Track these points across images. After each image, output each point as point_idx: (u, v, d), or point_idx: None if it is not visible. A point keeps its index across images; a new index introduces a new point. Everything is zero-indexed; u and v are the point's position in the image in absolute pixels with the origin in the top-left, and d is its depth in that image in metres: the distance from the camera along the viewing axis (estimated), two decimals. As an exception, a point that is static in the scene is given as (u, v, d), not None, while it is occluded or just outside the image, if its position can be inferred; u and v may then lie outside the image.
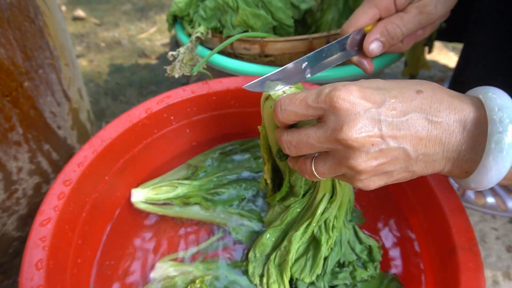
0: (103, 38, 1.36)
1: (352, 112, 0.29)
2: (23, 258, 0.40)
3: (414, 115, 0.29)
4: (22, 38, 0.52)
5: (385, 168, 0.31)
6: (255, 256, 0.47)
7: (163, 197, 0.55)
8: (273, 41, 0.64)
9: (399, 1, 0.43)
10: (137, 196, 0.55)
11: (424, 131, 0.29)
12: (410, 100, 0.30)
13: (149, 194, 0.55)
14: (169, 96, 0.58)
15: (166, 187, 0.56)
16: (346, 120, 0.29)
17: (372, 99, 0.30)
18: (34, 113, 0.57)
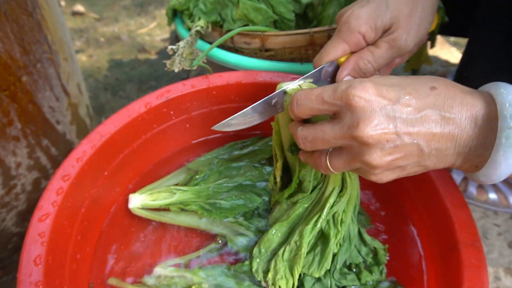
0: (102, 33, 1.35)
1: (368, 109, 0.30)
2: (21, 254, 0.40)
3: (428, 112, 0.30)
4: (19, 32, 0.51)
5: (399, 163, 0.32)
6: (259, 252, 0.46)
7: (161, 203, 0.53)
8: (274, 35, 0.64)
9: (369, 36, 0.43)
10: (134, 202, 0.54)
11: (438, 127, 0.30)
12: (424, 96, 0.30)
13: (146, 200, 0.54)
14: (168, 91, 0.58)
15: (164, 192, 0.55)
16: (362, 118, 0.30)
17: (387, 96, 0.30)
18: (33, 107, 0.57)
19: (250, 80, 0.60)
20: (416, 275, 0.47)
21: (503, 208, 0.66)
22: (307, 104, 0.34)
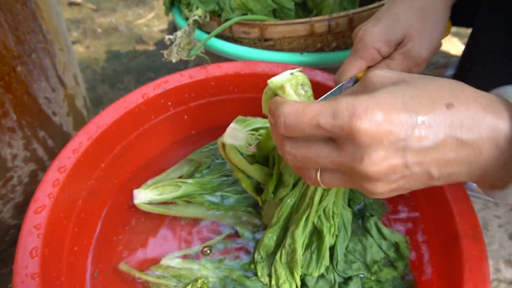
0: (99, 24, 1.34)
1: (375, 143, 0.26)
2: (17, 246, 0.39)
3: (443, 137, 0.26)
4: (13, 21, 0.50)
5: (404, 186, 0.29)
6: (261, 257, 0.45)
7: (168, 197, 0.52)
8: (273, 25, 0.63)
9: (383, 50, 0.45)
10: (140, 197, 0.52)
11: (452, 153, 0.27)
12: (441, 119, 0.26)
13: (152, 195, 0.53)
14: (166, 81, 0.57)
15: (169, 186, 0.53)
16: (367, 152, 0.26)
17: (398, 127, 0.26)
18: (28, 98, 0.56)
19: (249, 70, 0.59)
20: (417, 267, 0.46)
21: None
22: (298, 127, 0.28)
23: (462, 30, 1.14)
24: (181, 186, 0.53)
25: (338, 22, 0.62)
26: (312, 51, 0.67)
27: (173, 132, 0.61)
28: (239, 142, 0.44)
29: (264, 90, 0.35)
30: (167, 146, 0.62)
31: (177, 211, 0.52)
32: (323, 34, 0.64)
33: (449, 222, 0.43)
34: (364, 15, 0.62)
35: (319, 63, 0.64)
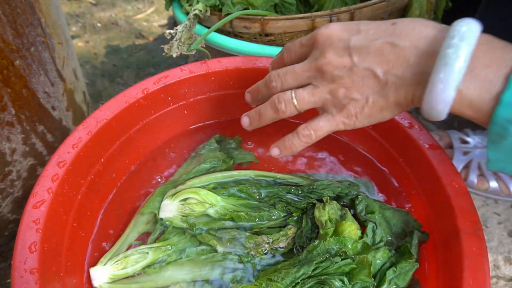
0: (99, 19, 1.33)
1: (329, 42, 0.35)
2: (16, 240, 0.39)
3: (383, 40, 0.32)
4: (12, 14, 0.49)
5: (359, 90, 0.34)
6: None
7: (133, 269, 0.45)
8: (274, 20, 0.62)
9: None
10: (100, 278, 0.44)
11: (392, 54, 0.32)
12: (383, 29, 0.33)
13: (114, 270, 0.45)
14: (166, 76, 0.56)
15: (133, 255, 0.46)
16: (324, 50, 0.35)
17: (347, 32, 0.35)
18: (27, 93, 0.55)
19: (249, 65, 0.58)
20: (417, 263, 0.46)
21: (503, 197, 0.65)
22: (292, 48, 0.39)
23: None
24: (148, 252, 0.47)
25: (339, 17, 0.62)
26: (313, 46, 0.66)
27: (173, 127, 0.61)
28: (172, 213, 0.49)
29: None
30: (166, 141, 0.61)
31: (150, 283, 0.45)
32: (324, 29, 0.63)
33: (449, 218, 0.43)
34: (365, 11, 0.61)
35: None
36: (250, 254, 0.47)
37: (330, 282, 0.39)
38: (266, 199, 0.51)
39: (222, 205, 0.49)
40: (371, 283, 0.39)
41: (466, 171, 0.66)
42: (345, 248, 0.41)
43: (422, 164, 0.48)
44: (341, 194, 0.49)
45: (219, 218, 0.49)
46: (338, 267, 0.40)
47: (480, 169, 0.65)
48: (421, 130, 0.50)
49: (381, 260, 0.42)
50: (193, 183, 0.51)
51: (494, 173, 0.65)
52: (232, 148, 0.60)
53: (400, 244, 0.44)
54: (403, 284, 0.41)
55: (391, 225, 0.47)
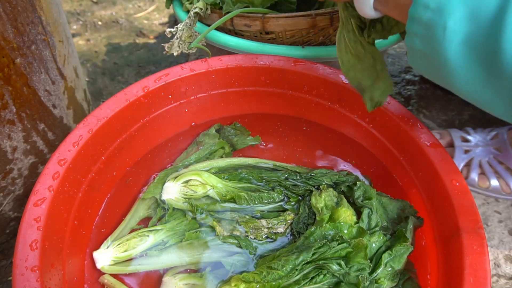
0: (100, 17, 1.33)
1: None
2: (17, 238, 0.39)
3: None
4: (12, 12, 0.49)
5: None
6: None
7: (134, 251, 0.46)
8: (275, 18, 0.62)
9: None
10: (102, 260, 0.45)
11: None
12: None
13: (116, 253, 0.46)
14: (167, 74, 0.56)
15: (134, 238, 0.47)
16: None
17: None
18: (28, 91, 0.55)
19: (250, 64, 0.58)
20: (418, 261, 0.46)
21: (504, 195, 0.65)
22: None
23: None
24: (149, 235, 0.48)
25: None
26: (314, 44, 0.66)
27: (174, 125, 0.61)
28: (175, 195, 0.50)
29: None
30: (167, 139, 0.61)
31: (150, 264, 0.47)
32: (325, 27, 0.63)
33: (450, 216, 0.43)
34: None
35: (321, 57, 0.64)
36: (249, 238, 0.48)
37: (328, 266, 0.40)
38: (266, 183, 0.52)
39: (223, 186, 0.50)
40: (367, 264, 0.40)
41: (467, 170, 0.66)
42: (341, 233, 0.42)
43: (423, 162, 0.48)
44: (339, 181, 0.50)
45: (221, 199, 0.50)
46: (335, 251, 0.41)
47: (481, 168, 0.65)
48: (422, 129, 0.50)
49: (377, 244, 0.43)
50: (195, 167, 0.53)
51: (495, 172, 0.65)
52: (231, 135, 0.61)
53: (396, 229, 0.45)
54: (399, 266, 0.42)
55: (387, 211, 0.48)
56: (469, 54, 0.29)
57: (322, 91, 0.58)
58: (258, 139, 0.62)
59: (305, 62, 0.58)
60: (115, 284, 0.45)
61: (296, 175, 0.52)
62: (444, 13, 0.29)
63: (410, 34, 0.32)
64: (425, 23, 0.30)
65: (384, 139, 0.55)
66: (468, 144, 0.67)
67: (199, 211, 0.50)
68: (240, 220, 0.49)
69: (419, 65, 0.34)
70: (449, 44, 0.29)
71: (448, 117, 0.84)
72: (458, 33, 0.29)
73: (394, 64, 1.01)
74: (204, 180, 0.50)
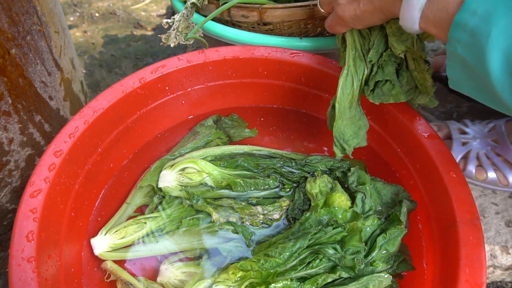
0: (97, 8, 1.32)
1: None
2: (13, 229, 0.39)
3: None
4: (6, 1, 0.49)
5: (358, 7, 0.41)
6: None
7: (132, 238, 0.47)
8: (272, 8, 0.61)
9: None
10: (100, 246, 0.46)
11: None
12: None
13: (114, 240, 0.47)
14: (163, 66, 0.56)
15: (132, 225, 0.48)
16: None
17: None
18: (24, 82, 0.55)
19: (247, 55, 0.58)
20: (415, 252, 0.46)
21: (501, 187, 0.65)
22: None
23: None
24: (146, 222, 0.48)
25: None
26: (312, 35, 0.66)
27: (170, 117, 0.61)
28: (171, 183, 0.50)
29: None
30: (164, 130, 0.61)
31: (147, 250, 0.47)
32: (323, 18, 0.62)
33: (447, 208, 0.43)
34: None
35: (319, 48, 0.63)
36: (245, 224, 0.49)
37: (324, 251, 0.41)
38: (261, 169, 0.52)
39: (219, 173, 0.50)
40: (362, 247, 0.41)
41: (464, 162, 0.66)
42: (335, 217, 0.43)
43: (421, 154, 0.48)
44: (333, 167, 0.51)
45: (217, 186, 0.50)
46: (330, 235, 0.41)
47: (479, 160, 0.65)
48: (419, 120, 0.50)
49: (371, 228, 0.44)
50: (191, 155, 0.53)
51: (492, 164, 0.65)
52: (228, 127, 0.61)
53: (390, 212, 0.46)
54: (393, 249, 0.43)
55: (381, 195, 0.48)
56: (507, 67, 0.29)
57: (319, 82, 0.58)
58: (255, 132, 0.61)
59: (302, 53, 0.58)
60: (117, 270, 0.45)
61: (292, 162, 0.52)
62: (491, 20, 0.29)
63: (453, 41, 0.32)
64: (471, 29, 0.30)
65: (382, 131, 0.55)
66: (466, 136, 0.67)
67: (195, 198, 0.50)
68: (236, 207, 0.49)
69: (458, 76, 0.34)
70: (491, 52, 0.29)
71: (447, 109, 0.84)
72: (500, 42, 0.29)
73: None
74: (200, 167, 0.50)
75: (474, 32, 0.30)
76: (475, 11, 0.30)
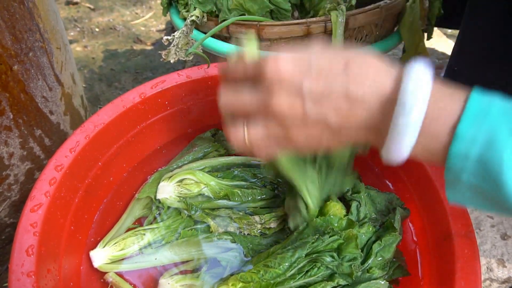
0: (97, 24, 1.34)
1: (279, 81, 0.31)
2: (13, 244, 0.39)
3: (336, 92, 0.30)
4: (10, 19, 0.50)
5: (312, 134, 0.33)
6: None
7: (131, 250, 0.47)
8: (270, 25, 0.63)
9: None
10: (99, 258, 0.46)
11: (345, 107, 0.30)
12: (336, 72, 0.31)
13: (112, 252, 0.47)
14: (163, 81, 0.57)
15: (131, 237, 0.48)
16: (274, 89, 0.31)
17: (298, 68, 0.31)
18: (25, 97, 0.56)
19: (245, 70, 0.59)
20: (410, 264, 0.47)
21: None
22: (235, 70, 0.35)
23: (457, 33, 1.15)
24: (145, 233, 0.49)
25: (334, 23, 0.62)
26: (309, 52, 0.67)
27: (170, 131, 0.62)
28: (169, 194, 0.51)
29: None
30: (163, 144, 0.62)
31: (147, 262, 0.48)
32: (319, 35, 0.64)
33: (442, 221, 0.44)
34: (359, 17, 0.62)
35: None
36: (243, 233, 0.49)
37: (321, 259, 0.41)
38: (258, 180, 0.53)
39: (216, 184, 0.51)
40: (358, 254, 0.42)
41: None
42: (331, 225, 0.43)
43: (416, 167, 0.49)
44: None
45: (214, 197, 0.51)
46: (327, 244, 0.42)
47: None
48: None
49: (367, 235, 0.44)
50: (189, 167, 0.54)
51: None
52: (225, 140, 0.62)
53: (384, 220, 0.47)
54: (388, 255, 0.44)
55: (376, 204, 0.49)
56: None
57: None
58: None
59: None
60: (120, 282, 0.45)
61: None
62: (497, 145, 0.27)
63: (454, 170, 0.29)
64: (477, 159, 0.28)
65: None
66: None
67: (193, 209, 0.51)
68: (234, 217, 0.50)
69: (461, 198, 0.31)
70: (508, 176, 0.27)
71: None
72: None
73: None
74: (198, 178, 0.51)
75: (482, 160, 0.28)
76: (474, 139, 0.28)
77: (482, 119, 0.27)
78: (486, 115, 0.28)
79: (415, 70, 0.29)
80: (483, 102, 0.28)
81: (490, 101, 0.28)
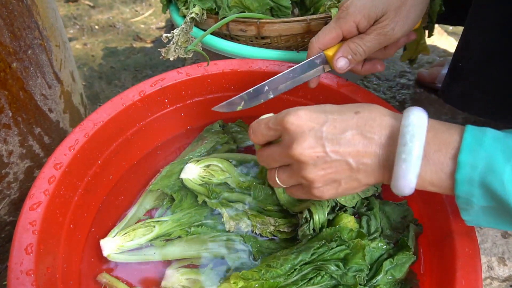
0: (97, 21, 1.33)
1: (299, 131, 0.35)
2: (12, 242, 0.39)
3: (351, 132, 0.35)
4: (9, 17, 0.50)
5: (332, 177, 0.36)
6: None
7: (140, 241, 0.48)
8: (270, 23, 0.63)
9: (362, 24, 0.47)
10: (108, 248, 0.47)
11: (361, 145, 0.34)
12: (348, 119, 0.35)
13: (122, 242, 0.47)
14: (163, 79, 0.57)
15: (141, 228, 0.49)
16: (295, 139, 0.35)
17: (316, 121, 0.36)
18: (24, 95, 0.56)
19: (245, 68, 0.59)
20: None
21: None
22: (259, 131, 0.39)
23: (459, 29, 1.15)
24: (155, 225, 0.49)
25: (334, 20, 0.62)
26: (309, 49, 0.67)
27: (170, 129, 0.61)
28: (193, 176, 0.53)
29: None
30: (163, 142, 0.62)
31: (155, 255, 0.48)
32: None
33: (443, 219, 0.43)
34: (360, 14, 0.62)
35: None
36: (254, 233, 0.50)
37: (326, 267, 0.41)
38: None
39: (241, 176, 0.53)
40: (365, 265, 0.41)
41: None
42: (340, 234, 0.43)
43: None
44: None
45: (237, 187, 0.52)
46: (334, 253, 0.41)
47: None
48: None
49: (378, 251, 0.44)
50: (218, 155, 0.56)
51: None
52: (235, 132, 0.62)
53: (399, 238, 0.46)
54: (400, 275, 0.43)
55: (391, 220, 0.49)
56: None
57: (317, 94, 0.59)
58: None
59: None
60: (113, 282, 0.45)
61: None
62: (496, 170, 0.30)
63: (464, 195, 0.32)
64: (480, 183, 0.31)
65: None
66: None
67: (213, 195, 0.51)
68: (250, 213, 0.50)
69: (475, 219, 0.34)
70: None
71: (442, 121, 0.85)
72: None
73: (388, 69, 1.02)
74: (225, 167, 0.53)
75: (485, 184, 0.31)
76: (474, 166, 0.31)
77: (478, 147, 0.31)
78: (481, 143, 0.31)
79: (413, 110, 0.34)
80: (477, 132, 0.32)
81: (483, 130, 0.32)
